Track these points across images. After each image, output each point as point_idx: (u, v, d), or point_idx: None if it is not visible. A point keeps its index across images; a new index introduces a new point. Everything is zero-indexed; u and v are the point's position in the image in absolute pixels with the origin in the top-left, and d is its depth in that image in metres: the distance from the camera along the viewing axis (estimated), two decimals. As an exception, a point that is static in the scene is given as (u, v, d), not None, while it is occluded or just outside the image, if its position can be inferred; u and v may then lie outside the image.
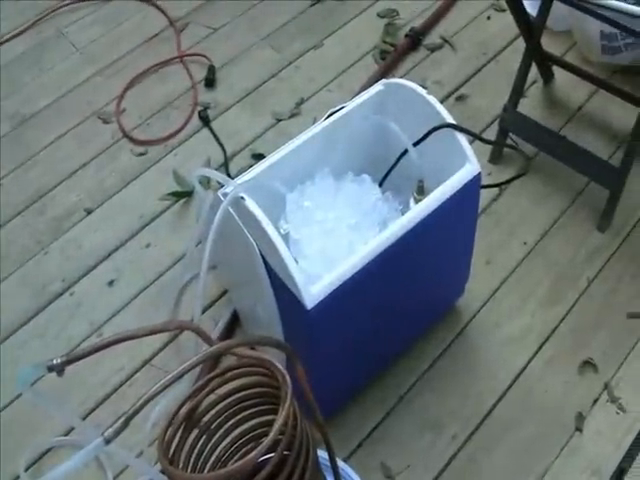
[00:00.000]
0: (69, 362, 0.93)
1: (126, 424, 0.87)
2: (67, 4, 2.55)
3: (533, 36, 1.93)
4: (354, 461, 1.50)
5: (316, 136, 1.42)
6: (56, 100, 2.27)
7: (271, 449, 0.91)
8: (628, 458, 1.11)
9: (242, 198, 1.25)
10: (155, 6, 2.54)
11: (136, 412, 0.88)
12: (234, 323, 1.72)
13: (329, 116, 1.45)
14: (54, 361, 0.91)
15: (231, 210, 1.28)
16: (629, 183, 1.82)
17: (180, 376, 0.92)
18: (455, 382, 1.62)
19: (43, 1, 2.56)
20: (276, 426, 0.91)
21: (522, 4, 1.92)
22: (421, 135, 1.43)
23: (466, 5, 2.46)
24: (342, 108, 1.46)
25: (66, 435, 1.55)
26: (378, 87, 1.49)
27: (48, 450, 1.55)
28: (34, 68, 2.38)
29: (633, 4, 1.49)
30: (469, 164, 1.38)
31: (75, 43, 2.44)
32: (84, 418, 1.58)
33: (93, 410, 1.61)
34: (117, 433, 0.86)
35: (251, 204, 1.25)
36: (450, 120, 1.40)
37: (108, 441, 0.86)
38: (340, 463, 1.35)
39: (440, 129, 1.40)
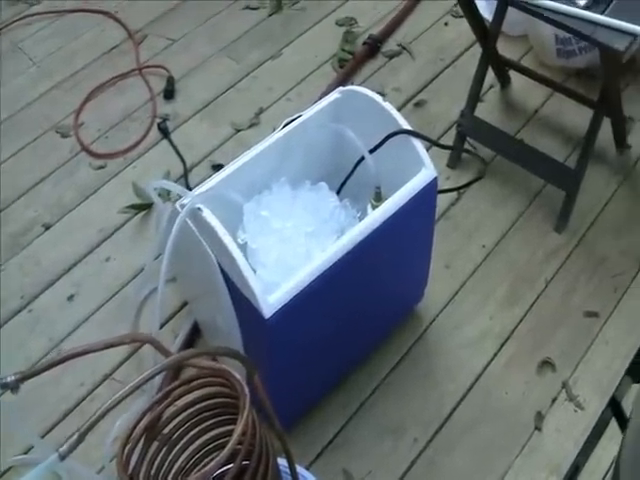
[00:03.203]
0: (23, 379, 0.92)
1: (80, 439, 0.85)
2: (23, 17, 2.53)
3: (489, 41, 1.95)
4: (316, 468, 1.50)
5: (272, 146, 1.42)
6: (13, 115, 2.24)
7: (230, 459, 0.91)
8: (583, 455, 1.13)
9: (199, 209, 1.25)
10: (113, 18, 2.52)
11: (91, 427, 0.86)
12: (195, 334, 1.71)
13: (285, 125, 1.45)
14: (8, 379, 0.90)
15: (189, 221, 1.28)
16: (584, 184, 1.86)
17: (136, 388, 0.91)
18: (415, 386, 1.63)
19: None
20: (234, 436, 0.91)
21: (477, 9, 1.95)
22: (378, 142, 1.44)
23: (424, 12, 2.49)
24: (298, 117, 1.46)
25: (26, 453, 1.53)
26: (334, 95, 1.50)
27: (8, 470, 1.52)
28: (-11, 83, 2.35)
29: (583, 9, 1.52)
30: (425, 169, 1.39)
31: (32, 57, 2.41)
32: (45, 435, 1.56)
33: (54, 426, 1.59)
34: (72, 449, 0.85)
35: (208, 215, 1.25)
36: (406, 126, 1.41)
37: (63, 457, 0.85)
38: (302, 471, 1.34)
39: (396, 135, 1.41)
